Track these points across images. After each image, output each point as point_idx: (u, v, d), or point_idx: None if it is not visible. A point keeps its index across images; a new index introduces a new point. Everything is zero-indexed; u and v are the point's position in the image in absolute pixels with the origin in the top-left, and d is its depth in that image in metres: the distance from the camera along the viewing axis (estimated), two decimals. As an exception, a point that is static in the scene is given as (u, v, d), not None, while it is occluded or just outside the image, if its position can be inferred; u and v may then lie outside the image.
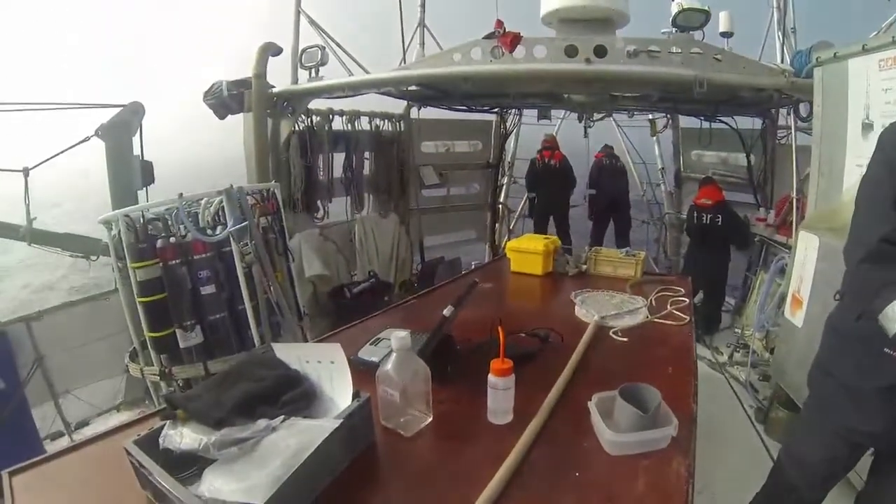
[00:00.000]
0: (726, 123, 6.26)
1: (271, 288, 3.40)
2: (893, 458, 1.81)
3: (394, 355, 1.32)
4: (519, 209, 8.86)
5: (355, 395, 1.25)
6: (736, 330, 5.52)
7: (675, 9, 5.23)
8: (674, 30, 4.80)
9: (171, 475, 1.03)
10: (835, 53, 3.34)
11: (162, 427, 1.14)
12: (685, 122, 7.62)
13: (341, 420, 1.15)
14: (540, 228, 7.90)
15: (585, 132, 7.21)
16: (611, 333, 2.18)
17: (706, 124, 6.56)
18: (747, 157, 6.35)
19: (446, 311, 1.60)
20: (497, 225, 8.09)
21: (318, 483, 1.11)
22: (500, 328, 1.39)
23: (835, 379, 1.84)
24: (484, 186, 7.91)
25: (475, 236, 7.76)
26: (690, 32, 5.01)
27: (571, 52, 4.15)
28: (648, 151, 8.82)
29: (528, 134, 8.52)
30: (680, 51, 4.20)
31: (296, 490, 1.00)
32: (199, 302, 3.32)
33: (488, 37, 4.28)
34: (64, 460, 1.34)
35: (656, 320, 2.39)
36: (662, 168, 8.66)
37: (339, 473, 1.18)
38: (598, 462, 1.30)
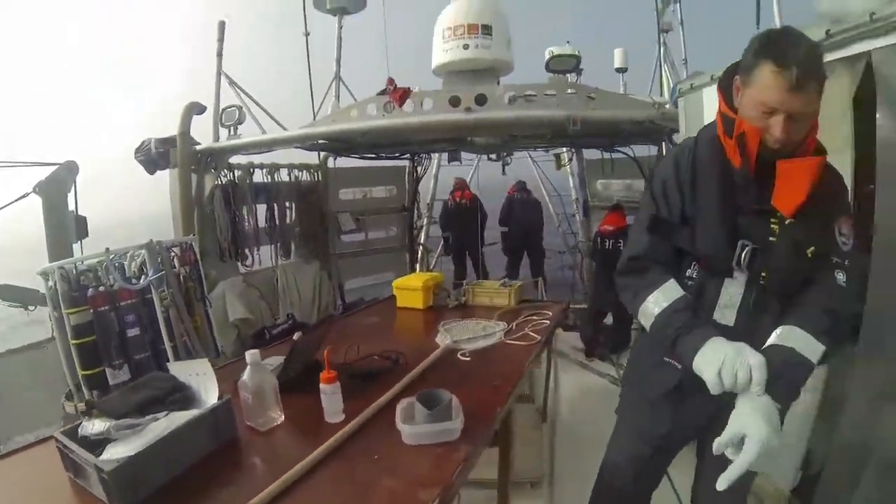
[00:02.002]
0: (624, 153, 6.49)
1: (186, 331, 3.83)
2: (706, 442, 1.96)
3: (248, 368, 1.78)
4: (438, 249, 9.25)
5: (221, 397, 1.73)
6: None
7: (547, 55, 5.83)
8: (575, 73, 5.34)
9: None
10: (691, 84, 3.62)
11: (79, 424, 1.59)
12: (590, 153, 7.83)
13: (203, 411, 1.64)
14: (458, 264, 8.40)
15: (503, 170, 7.53)
16: (458, 355, 2.57)
17: (607, 154, 6.79)
18: (646, 182, 6.68)
19: (295, 337, 2.13)
20: (416, 265, 8.34)
21: (183, 453, 1.56)
22: (327, 350, 1.89)
23: (633, 389, 2.05)
24: (401, 229, 8.18)
25: (394, 277, 7.91)
26: (566, 74, 5.60)
27: (455, 102, 4.49)
28: (564, 182, 9.31)
29: (451, 175, 8.99)
30: (555, 93, 4.57)
31: (162, 450, 1.48)
32: (125, 343, 3.72)
33: (381, 93, 4.72)
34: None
35: (508, 342, 2.77)
36: (576, 199, 9.01)
37: (206, 453, 1.62)
38: (397, 449, 1.66)
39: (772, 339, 1.53)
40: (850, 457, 2.49)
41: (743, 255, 1.58)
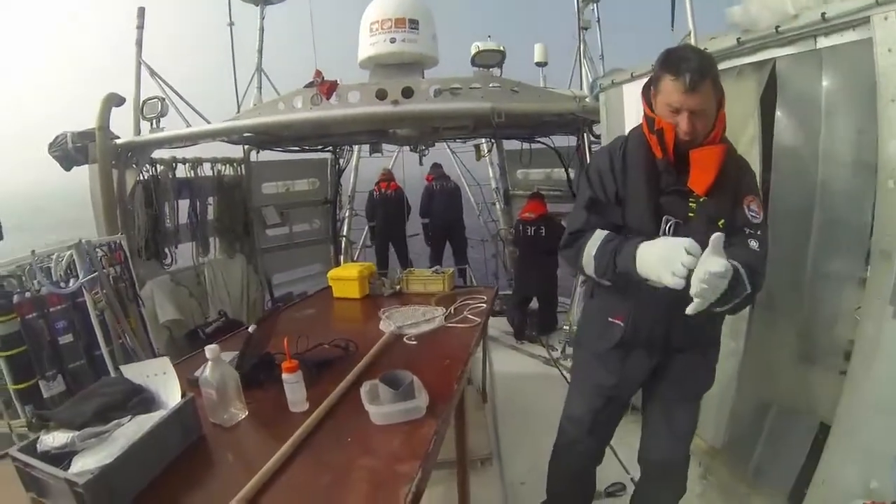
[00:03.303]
0: (544, 143, 6.82)
1: (124, 333, 3.72)
2: (648, 399, 2.30)
3: (209, 364, 1.79)
4: (361, 240, 9.29)
5: (184, 396, 1.71)
6: (565, 327, 5.95)
7: (473, 49, 5.96)
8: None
9: (50, 468, 1.40)
10: (612, 80, 3.89)
11: (36, 439, 1.52)
12: (510, 143, 8.11)
13: (170, 411, 1.63)
14: (381, 255, 8.40)
15: (420, 160, 7.71)
16: (404, 339, 2.66)
17: (527, 145, 7.07)
18: (566, 171, 6.95)
19: (251, 329, 2.15)
20: (340, 257, 8.34)
21: (156, 456, 1.54)
22: (285, 340, 1.93)
23: (585, 348, 2.35)
24: (324, 221, 8.23)
25: (320, 269, 7.91)
26: (490, 69, 5.74)
27: (382, 94, 4.63)
28: (484, 171, 9.46)
29: (371, 166, 8.99)
30: (480, 86, 4.76)
31: (137, 456, 1.45)
32: (58, 352, 3.56)
33: (309, 85, 4.74)
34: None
35: (449, 325, 2.90)
36: (496, 188, 9.28)
37: (176, 455, 1.60)
38: (368, 430, 1.73)
39: None
40: (773, 414, 2.78)
41: (667, 228, 1.92)
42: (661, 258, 1.71)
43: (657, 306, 1.99)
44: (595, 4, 6.60)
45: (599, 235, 1.97)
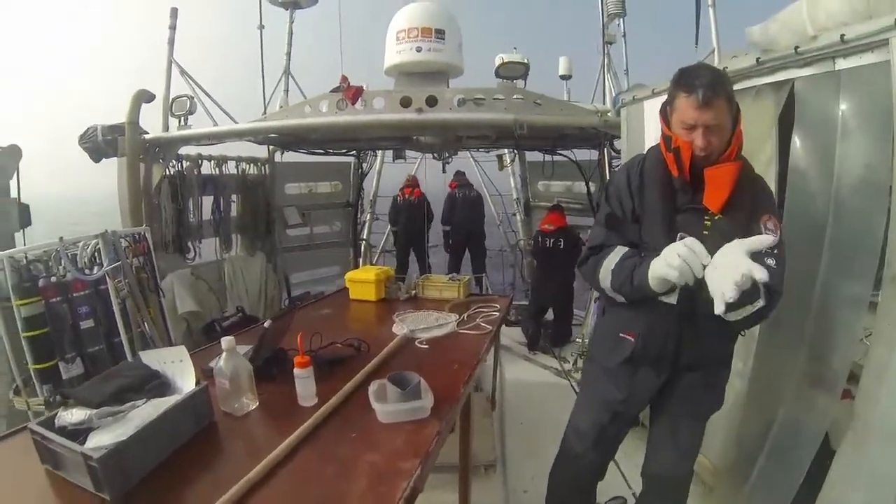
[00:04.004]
0: (565, 156, 6.76)
1: (144, 322, 3.81)
2: (655, 415, 2.31)
3: (223, 354, 1.84)
4: (381, 244, 9.38)
5: (198, 383, 1.78)
6: (578, 340, 6.02)
7: (497, 61, 6.01)
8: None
9: (65, 444, 1.47)
10: (633, 96, 3.91)
11: (55, 414, 1.59)
12: (532, 155, 8.19)
13: (184, 396, 1.69)
14: (402, 260, 8.45)
15: (444, 168, 7.82)
16: (416, 343, 2.70)
17: (549, 157, 6.99)
18: (587, 185, 6.86)
19: (266, 324, 2.21)
20: (359, 260, 8.44)
21: (168, 437, 1.60)
22: (300, 336, 1.97)
23: (596, 363, 2.35)
24: (345, 224, 8.32)
25: (339, 271, 7.99)
26: (514, 81, 5.78)
27: (406, 102, 4.67)
28: (506, 181, 9.48)
29: (394, 172, 9.11)
30: (503, 97, 4.78)
31: (149, 436, 1.51)
32: (78, 335, 3.66)
33: (335, 90, 4.81)
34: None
35: (461, 331, 2.91)
36: (517, 198, 9.29)
37: (187, 439, 1.66)
38: (373, 427, 1.76)
39: None
40: (780, 435, 2.75)
41: None
42: (662, 255, 1.77)
43: (668, 324, 2.02)
44: (621, 19, 6.60)
45: (619, 251, 2.02)
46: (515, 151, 8.52)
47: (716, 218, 1.92)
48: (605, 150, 5.73)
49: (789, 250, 1.97)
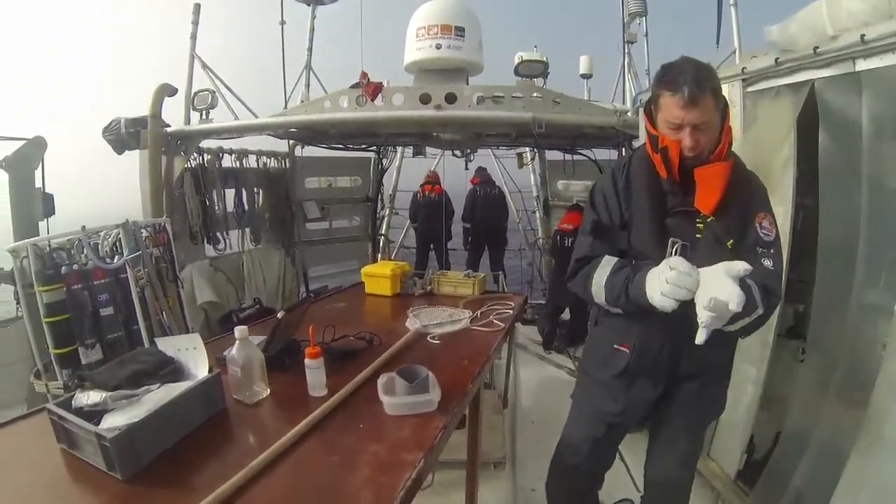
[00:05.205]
0: (585, 155, 6.72)
1: (162, 310, 3.88)
2: (655, 422, 2.26)
3: (237, 343, 1.87)
4: (399, 240, 9.41)
5: (211, 371, 1.82)
6: None
7: (517, 59, 6.01)
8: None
9: (80, 424, 1.52)
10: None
11: (72, 396, 1.65)
12: (552, 154, 8.16)
13: (196, 383, 1.73)
14: (421, 256, 8.48)
15: (466, 165, 7.77)
16: (428, 338, 2.70)
17: (569, 156, 7.01)
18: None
19: (279, 315, 2.24)
20: (378, 255, 8.48)
21: (179, 421, 1.64)
22: (311, 328, 2.00)
23: (589, 375, 2.27)
24: (364, 219, 8.35)
25: (357, 266, 8.01)
26: (533, 79, 5.78)
27: (425, 99, 4.68)
28: (526, 179, 9.44)
29: (414, 167, 9.12)
30: (522, 96, 4.79)
31: (162, 419, 1.55)
32: (98, 322, 3.75)
33: (354, 86, 4.83)
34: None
35: (474, 328, 2.90)
36: (537, 196, 9.28)
37: (199, 424, 1.70)
38: (380, 419, 1.77)
39: None
40: (791, 443, 2.73)
41: (673, 251, 1.77)
42: (651, 279, 1.71)
43: (664, 333, 1.96)
44: (643, 19, 6.57)
45: (608, 263, 1.94)
46: (535, 150, 8.40)
47: (708, 220, 1.84)
48: (624, 150, 5.68)
49: (820, 257, 1.89)
